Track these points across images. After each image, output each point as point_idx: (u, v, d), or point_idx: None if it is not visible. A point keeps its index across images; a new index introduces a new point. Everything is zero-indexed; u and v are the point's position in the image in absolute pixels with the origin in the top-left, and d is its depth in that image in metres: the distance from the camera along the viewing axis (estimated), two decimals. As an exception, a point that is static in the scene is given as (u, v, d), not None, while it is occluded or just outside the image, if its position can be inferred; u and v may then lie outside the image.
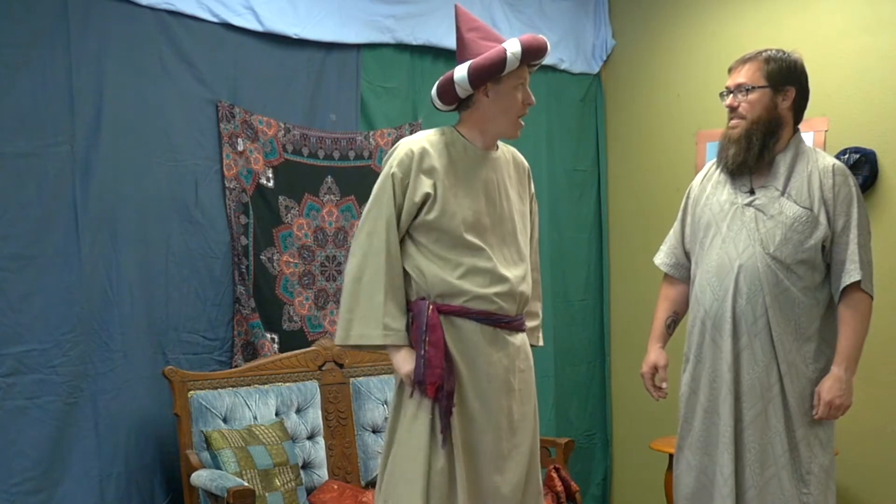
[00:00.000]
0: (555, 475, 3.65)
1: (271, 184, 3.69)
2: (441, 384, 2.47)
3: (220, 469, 3.09)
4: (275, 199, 3.70)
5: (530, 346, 2.76)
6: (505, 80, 2.54)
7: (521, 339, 2.68)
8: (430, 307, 2.51)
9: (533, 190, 2.81)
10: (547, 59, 4.57)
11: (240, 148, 3.59)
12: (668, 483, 3.24)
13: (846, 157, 3.97)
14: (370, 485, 3.58)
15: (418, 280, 2.54)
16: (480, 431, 2.55)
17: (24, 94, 3.02)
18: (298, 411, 3.50)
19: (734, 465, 2.79)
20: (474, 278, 2.53)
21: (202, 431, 3.19)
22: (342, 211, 3.88)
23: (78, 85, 3.14)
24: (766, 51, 2.85)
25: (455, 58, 4.31)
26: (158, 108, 3.37)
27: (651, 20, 4.80)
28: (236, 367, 3.50)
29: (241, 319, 3.56)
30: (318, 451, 3.49)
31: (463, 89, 2.53)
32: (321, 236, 3.83)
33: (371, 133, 3.99)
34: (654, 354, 3.04)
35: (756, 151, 2.81)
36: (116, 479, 3.20)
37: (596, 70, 4.94)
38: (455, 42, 2.67)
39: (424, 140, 2.58)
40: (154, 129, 3.36)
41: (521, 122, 2.63)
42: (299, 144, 3.77)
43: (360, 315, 2.50)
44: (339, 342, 2.56)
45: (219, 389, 3.33)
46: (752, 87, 2.81)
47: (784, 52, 2.85)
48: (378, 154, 3.97)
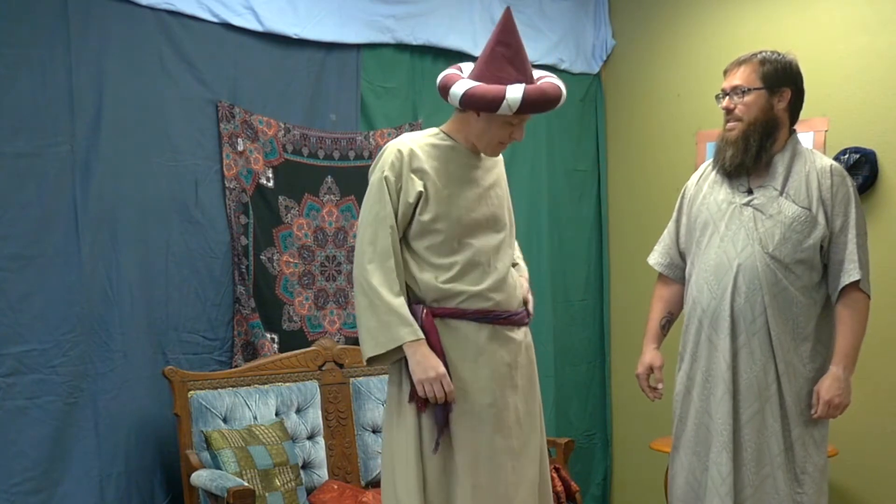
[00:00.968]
0: (555, 475, 3.65)
1: (271, 184, 3.69)
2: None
3: (220, 469, 3.09)
4: (275, 199, 3.70)
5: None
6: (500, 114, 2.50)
7: (524, 333, 2.67)
8: (424, 311, 2.50)
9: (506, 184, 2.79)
10: (547, 59, 4.66)
11: (240, 148, 3.59)
12: (668, 483, 3.26)
13: (846, 157, 3.97)
14: (370, 485, 3.58)
15: (413, 287, 2.54)
16: (489, 432, 2.55)
17: (24, 94, 3.02)
18: (298, 411, 3.50)
19: (732, 465, 2.78)
20: (468, 277, 2.52)
21: (202, 431, 3.19)
22: (342, 211, 3.88)
23: (78, 85, 3.14)
24: (760, 52, 2.85)
25: (457, 57, 4.34)
26: (158, 108, 3.37)
27: (651, 20, 4.80)
28: (236, 367, 3.50)
29: (241, 319, 3.56)
30: (318, 451, 3.49)
31: (453, 103, 2.52)
32: (321, 236, 3.83)
33: (371, 133, 3.99)
34: (650, 355, 3.05)
35: (753, 153, 2.81)
36: (116, 479, 3.20)
37: (596, 70, 4.94)
38: (455, 41, 2.65)
39: (411, 142, 2.57)
40: (154, 129, 3.36)
41: (501, 147, 2.61)
42: (299, 144, 3.77)
43: (384, 321, 2.45)
44: (370, 354, 2.47)
45: (219, 389, 3.33)
46: (749, 89, 2.80)
47: (779, 54, 2.85)
48: (378, 154, 3.97)
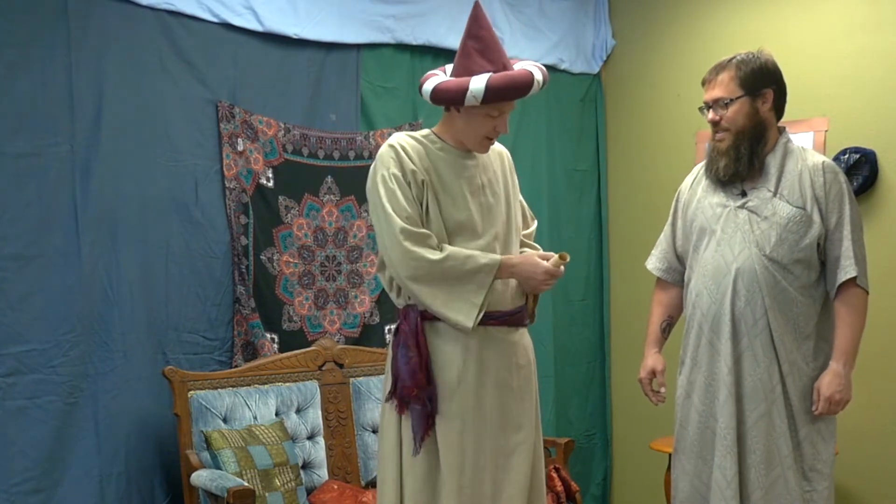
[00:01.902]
0: (555, 475, 3.65)
1: (271, 184, 3.69)
2: (417, 391, 2.46)
3: (220, 469, 3.09)
4: (275, 199, 3.70)
5: None
6: (476, 109, 2.47)
7: (520, 334, 2.64)
8: (418, 314, 2.49)
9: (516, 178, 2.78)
10: (547, 59, 4.66)
11: (240, 148, 3.59)
12: (668, 483, 3.25)
13: (846, 156, 3.97)
14: (370, 485, 3.58)
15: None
16: (474, 433, 2.53)
17: (24, 94, 3.02)
18: (298, 411, 3.50)
19: (737, 468, 2.77)
20: None
21: (202, 431, 3.19)
22: (342, 211, 3.88)
23: (78, 85, 3.14)
24: (735, 57, 2.84)
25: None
26: (158, 108, 3.37)
27: (651, 20, 4.80)
28: (236, 367, 3.50)
29: (241, 319, 3.56)
30: (318, 451, 3.49)
31: (428, 100, 2.52)
32: (321, 236, 3.83)
33: (371, 133, 3.99)
34: (652, 359, 3.04)
35: (746, 160, 2.81)
36: (116, 479, 3.20)
37: (596, 70, 4.94)
38: (455, 41, 2.65)
39: (402, 140, 2.55)
40: (154, 129, 3.36)
41: (488, 143, 2.58)
42: (299, 144, 3.77)
43: (464, 271, 2.43)
44: (478, 310, 2.43)
45: (219, 389, 3.33)
46: (731, 100, 2.80)
47: (754, 55, 2.83)
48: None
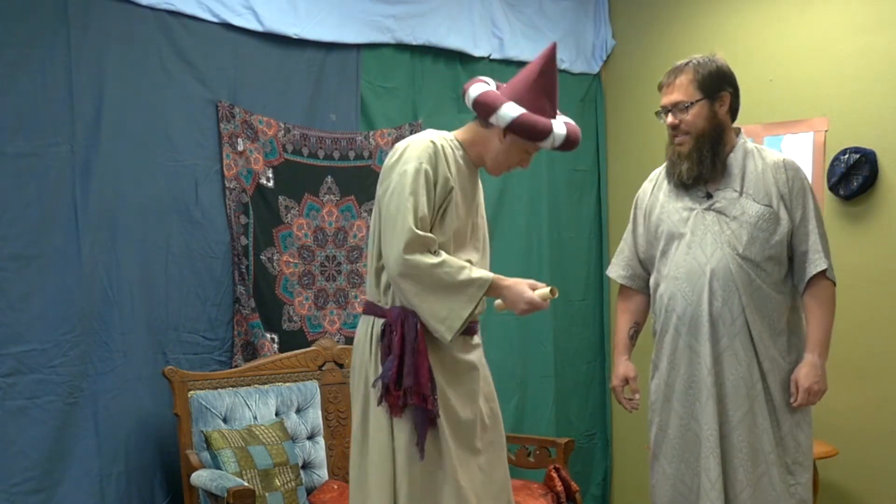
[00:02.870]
0: (555, 475, 3.65)
1: (271, 184, 3.69)
2: (428, 394, 2.44)
3: (220, 469, 3.09)
4: (275, 199, 3.70)
5: None
6: (525, 141, 2.54)
7: (477, 339, 2.67)
8: (417, 319, 2.46)
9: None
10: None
11: (240, 148, 3.59)
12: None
13: (846, 156, 3.97)
14: (370, 485, 3.57)
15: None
16: (466, 437, 2.54)
17: (24, 94, 3.02)
18: (298, 411, 3.50)
19: (721, 468, 2.79)
20: None
21: (202, 431, 3.19)
22: (342, 211, 3.88)
23: (78, 85, 3.14)
24: (691, 60, 2.87)
25: (457, 57, 4.33)
26: (158, 108, 3.37)
27: (651, 20, 4.80)
28: (236, 367, 3.50)
29: (241, 319, 3.56)
30: (318, 451, 3.49)
31: (498, 125, 2.51)
32: (321, 236, 3.83)
33: (371, 133, 3.99)
34: (623, 367, 3.06)
35: (709, 162, 2.84)
36: (116, 479, 3.20)
37: (596, 70, 4.94)
38: (455, 41, 2.64)
39: (440, 139, 2.53)
40: (154, 129, 3.36)
41: (508, 170, 2.65)
42: (299, 144, 3.77)
43: (456, 281, 2.40)
44: (462, 322, 2.41)
45: (219, 389, 3.33)
46: (691, 103, 2.83)
47: (709, 58, 2.87)
48: (378, 154, 3.97)
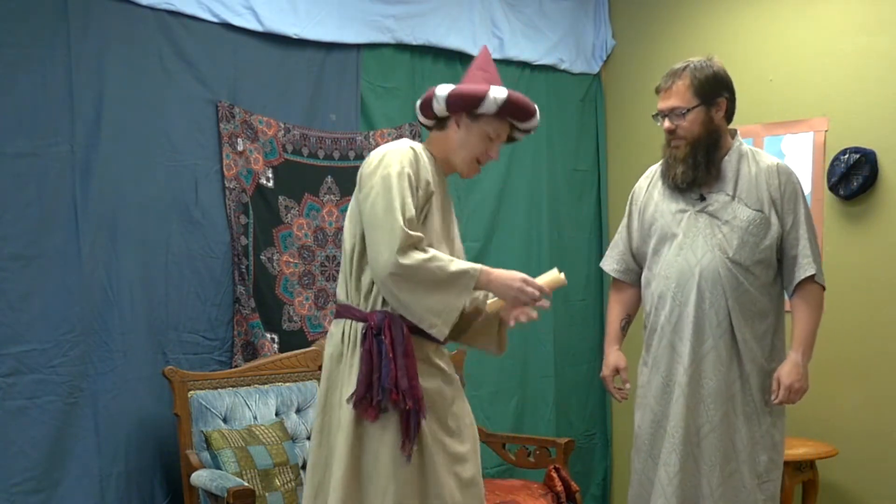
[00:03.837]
0: (555, 475, 3.65)
1: (271, 184, 3.69)
2: (420, 396, 2.41)
3: (220, 469, 3.09)
4: (275, 199, 3.70)
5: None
6: (481, 122, 2.51)
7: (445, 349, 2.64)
8: (405, 327, 2.43)
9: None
10: (547, 59, 4.66)
11: (240, 148, 3.59)
12: None
13: (846, 157, 3.97)
14: (370, 485, 3.57)
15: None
16: (454, 444, 2.52)
17: (24, 94, 3.02)
18: (298, 411, 3.50)
19: (680, 465, 2.84)
20: None
21: (202, 431, 3.19)
22: (342, 211, 3.88)
23: (78, 85, 3.13)
24: (688, 64, 2.88)
25: (457, 57, 4.34)
26: (158, 108, 3.37)
27: (651, 20, 4.80)
28: (236, 367, 3.50)
29: (241, 319, 3.56)
30: (318, 451, 3.49)
31: (439, 108, 2.51)
32: (321, 236, 3.83)
33: (371, 133, 3.99)
34: (614, 357, 3.10)
35: (704, 167, 2.87)
36: (116, 479, 3.19)
37: (596, 70, 4.94)
38: (455, 41, 2.66)
39: (420, 149, 2.53)
40: (154, 129, 3.36)
41: (477, 167, 2.59)
42: (299, 144, 3.77)
43: (443, 277, 2.36)
44: (456, 314, 2.38)
45: (219, 389, 3.33)
46: (687, 110, 2.85)
47: (707, 63, 2.88)
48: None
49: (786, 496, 3.73)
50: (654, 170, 3.08)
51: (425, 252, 2.38)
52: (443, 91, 2.50)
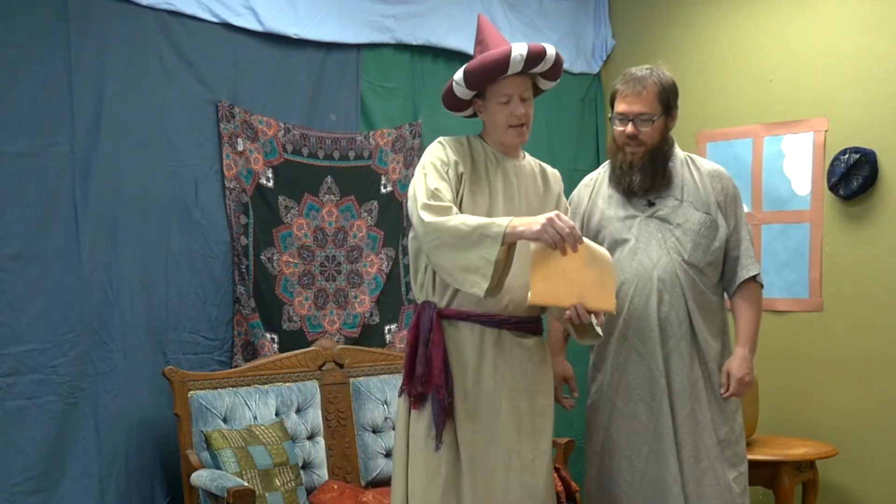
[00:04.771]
0: (555, 475, 3.64)
1: (271, 184, 3.69)
2: (441, 385, 2.49)
3: (220, 469, 3.09)
4: (275, 199, 3.70)
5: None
6: (489, 97, 2.61)
7: (535, 341, 2.68)
8: (434, 311, 2.55)
9: (565, 202, 2.88)
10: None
11: (240, 148, 3.59)
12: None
13: (846, 156, 3.97)
14: (370, 485, 3.58)
15: (427, 285, 2.59)
16: (489, 434, 2.55)
17: (24, 94, 3.02)
18: (298, 411, 3.50)
19: (678, 464, 2.87)
20: None
21: (202, 431, 3.19)
22: (342, 211, 3.88)
23: (78, 85, 3.14)
24: (652, 73, 2.90)
25: (457, 57, 4.33)
26: (158, 108, 3.37)
27: (651, 20, 4.80)
28: (236, 367, 3.50)
29: (241, 319, 3.56)
30: (318, 451, 3.49)
31: (460, 88, 2.61)
32: (321, 236, 3.83)
33: (371, 133, 3.99)
34: (560, 366, 3.09)
35: (661, 175, 2.92)
36: (116, 479, 3.20)
37: (596, 70, 4.95)
38: (455, 41, 2.69)
39: (446, 139, 2.66)
40: (154, 129, 3.36)
41: (514, 132, 2.65)
42: (299, 144, 3.77)
43: (473, 239, 2.38)
44: (493, 267, 2.36)
45: (219, 389, 3.33)
46: (655, 118, 2.88)
47: (663, 72, 2.92)
48: (378, 154, 3.97)
49: (786, 496, 3.74)
50: (595, 177, 3.10)
51: (451, 214, 2.45)
52: (458, 74, 2.61)
